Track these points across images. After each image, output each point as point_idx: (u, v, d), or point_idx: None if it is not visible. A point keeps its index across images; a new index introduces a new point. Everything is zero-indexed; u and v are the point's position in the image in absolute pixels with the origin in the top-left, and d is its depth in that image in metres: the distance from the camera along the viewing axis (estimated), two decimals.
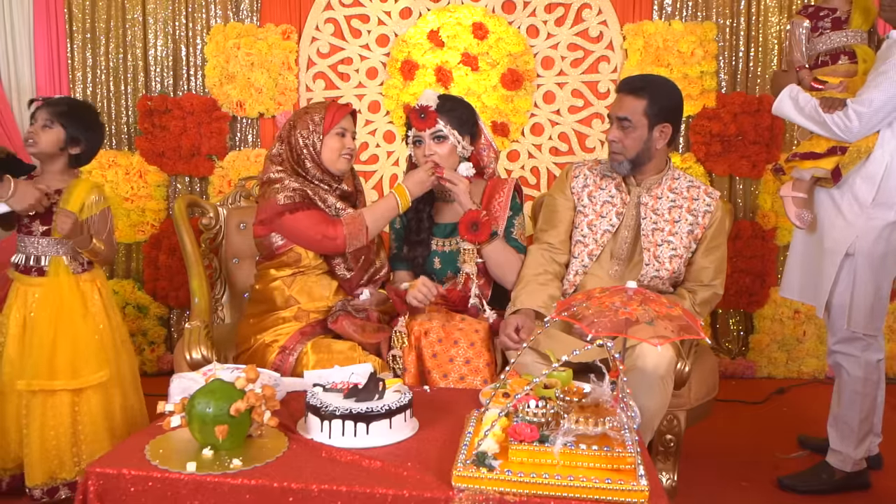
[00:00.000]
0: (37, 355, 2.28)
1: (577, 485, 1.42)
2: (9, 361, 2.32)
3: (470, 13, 3.79)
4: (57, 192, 2.35)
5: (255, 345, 2.38)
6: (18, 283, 2.37)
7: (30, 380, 2.27)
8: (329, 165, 2.41)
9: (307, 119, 2.41)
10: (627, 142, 2.34)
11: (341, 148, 2.41)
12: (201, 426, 1.60)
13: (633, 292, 1.62)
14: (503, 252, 2.48)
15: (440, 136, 2.49)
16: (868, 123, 2.35)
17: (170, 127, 3.83)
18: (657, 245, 2.37)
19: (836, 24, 2.56)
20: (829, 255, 2.49)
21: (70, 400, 2.31)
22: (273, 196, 2.36)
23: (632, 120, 2.32)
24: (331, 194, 2.42)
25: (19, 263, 2.37)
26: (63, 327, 2.31)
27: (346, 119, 2.44)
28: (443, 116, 2.48)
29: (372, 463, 1.57)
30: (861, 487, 2.56)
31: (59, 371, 2.29)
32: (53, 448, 2.30)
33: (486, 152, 2.66)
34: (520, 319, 2.28)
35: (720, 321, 3.97)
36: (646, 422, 2.10)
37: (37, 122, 2.35)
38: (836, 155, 2.45)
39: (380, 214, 2.44)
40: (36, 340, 2.29)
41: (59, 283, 2.34)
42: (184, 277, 3.41)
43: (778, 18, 3.78)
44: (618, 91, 2.40)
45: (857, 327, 2.48)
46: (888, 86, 2.31)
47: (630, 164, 2.37)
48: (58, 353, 2.29)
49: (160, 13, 3.88)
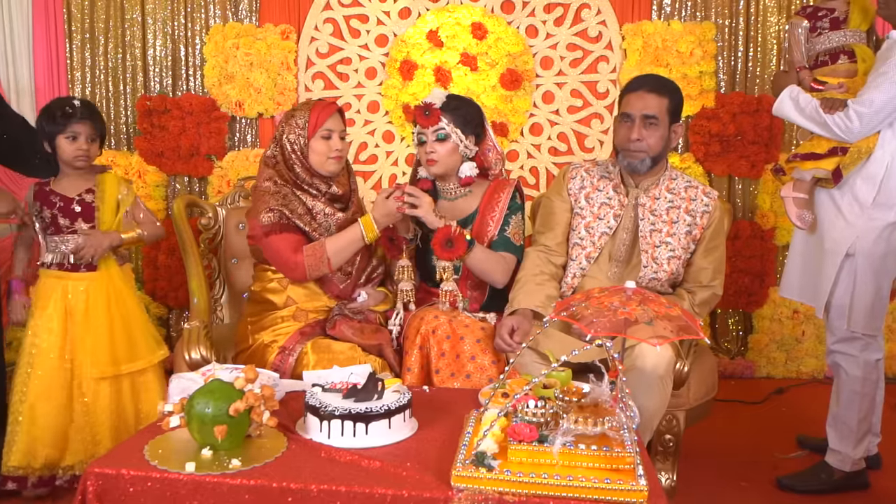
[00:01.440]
0: (98, 343, 2.39)
1: (576, 485, 1.42)
2: (46, 357, 2.37)
3: (469, 13, 3.79)
4: (89, 192, 2.44)
5: (254, 344, 2.38)
6: (56, 281, 2.41)
7: (99, 367, 2.38)
8: (318, 168, 2.40)
9: (293, 122, 2.40)
10: (652, 140, 2.31)
11: (328, 150, 2.38)
12: (200, 426, 1.60)
13: (632, 292, 1.62)
14: (485, 259, 2.44)
15: (442, 134, 2.48)
16: (869, 124, 2.35)
17: (169, 127, 3.83)
18: (655, 246, 2.37)
19: (835, 24, 2.56)
20: (830, 256, 2.49)
21: (132, 382, 2.44)
22: (257, 215, 2.36)
23: (658, 117, 2.30)
24: (319, 200, 2.40)
25: (63, 262, 2.41)
26: (119, 315, 2.44)
27: (332, 119, 2.39)
28: (447, 115, 2.47)
29: (371, 463, 1.57)
30: (860, 487, 2.57)
31: (121, 357, 2.42)
32: (125, 431, 2.39)
33: (492, 153, 2.64)
34: (515, 321, 2.28)
35: (719, 321, 3.97)
36: (645, 422, 2.10)
37: (81, 138, 2.40)
38: (837, 156, 2.45)
39: (343, 245, 2.37)
40: (94, 330, 2.39)
41: (111, 274, 2.46)
42: (183, 277, 3.42)
43: (777, 18, 3.79)
44: (632, 90, 2.35)
45: (856, 327, 2.48)
46: (889, 86, 2.31)
47: (651, 161, 2.35)
48: (117, 340, 2.42)
49: (159, 13, 3.88)
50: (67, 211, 2.41)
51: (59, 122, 2.38)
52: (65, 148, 2.40)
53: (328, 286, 2.42)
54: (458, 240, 2.38)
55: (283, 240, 2.34)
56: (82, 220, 2.42)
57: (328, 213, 2.40)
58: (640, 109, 2.31)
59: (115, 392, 2.42)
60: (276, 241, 2.34)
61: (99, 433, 2.40)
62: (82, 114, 2.40)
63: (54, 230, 2.42)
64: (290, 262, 2.34)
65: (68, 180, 2.45)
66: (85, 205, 2.43)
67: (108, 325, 2.41)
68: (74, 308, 2.40)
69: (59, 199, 2.41)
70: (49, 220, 2.42)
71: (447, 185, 2.59)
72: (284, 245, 2.34)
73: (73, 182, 2.45)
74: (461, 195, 2.59)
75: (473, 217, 2.56)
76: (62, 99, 2.50)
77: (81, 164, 2.42)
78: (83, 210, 2.42)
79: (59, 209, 2.41)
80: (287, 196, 2.38)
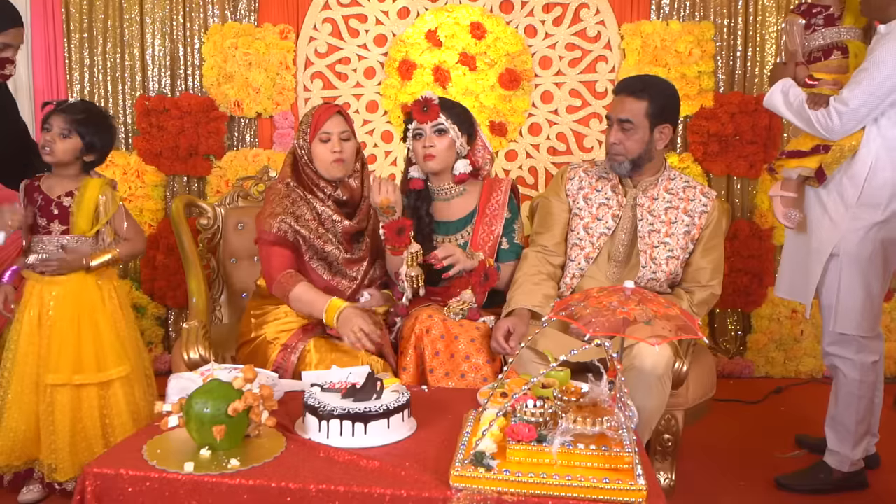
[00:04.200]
0: (62, 351, 2.31)
1: (574, 484, 1.42)
2: (22, 360, 2.33)
3: (468, 13, 3.79)
4: (68, 195, 2.38)
5: (256, 339, 2.38)
6: (34, 283, 2.37)
7: (57, 374, 2.30)
8: (323, 172, 2.40)
9: (302, 126, 2.44)
10: (629, 144, 2.33)
11: (328, 154, 2.37)
12: (199, 426, 1.60)
13: (631, 292, 1.63)
14: (507, 274, 2.55)
15: (441, 129, 2.52)
16: (849, 121, 2.33)
17: (167, 127, 3.83)
18: (654, 247, 2.37)
19: (829, 20, 2.56)
20: (815, 255, 2.48)
21: (97, 393, 2.34)
22: (264, 216, 2.36)
23: (633, 122, 2.31)
24: (327, 204, 2.40)
25: (37, 264, 2.37)
26: (85, 323, 2.34)
27: (331, 121, 2.37)
28: (444, 111, 2.53)
29: (370, 463, 1.57)
30: (859, 487, 2.57)
31: (85, 365, 2.32)
32: (83, 441, 2.33)
33: (482, 153, 2.68)
34: (511, 323, 2.28)
35: (718, 321, 3.97)
36: (644, 421, 2.10)
37: (53, 130, 2.34)
38: (820, 153, 2.43)
39: (306, 302, 2.27)
40: (59, 337, 2.32)
41: (80, 280, 2.36)
42: (181, 277, 3.42)
43: (776, 18, 3.78)
44: (616, 92, 2.38)
45: (845, 328, 2.46)
46: (868, 83, 2.28)
47: (631, 164, 2.36)
48: (83, 348, 2.32)
49: (158, 13, 3.87)
50: (46, 211, 2.36)
51: (45, 116, 2.36)
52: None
53: (333, 290, 2.41)
54: (491, 271, 2.46)
55: (276, 254, 2.34)
56: (58, 221, 2.36)
57: (336, 219, 2.40)
58: (616, 113, 2.35)
59: (75, 401, 2.32)
60: (270, 251, 2.34)
61: (56, 441, 2.31)
62: (62, 107, 2.37)
63: (38, 230, 2.37)
64: (268, 274, 2.35)
65: (56, 180, 2.40)
66: (62, 208, 2.36)
67: (75, 333, 2.32)
68: (45, 312, 2.34)
69: (41, 197, 2.37)
70: (31, 219, 2.37)
71: (441, 184, 2.59)
72: (276, 259, 2.34)
73: (60, 182, 2.39)
74: (456, 195, 2.60)
75: (472, 216, 2.56)
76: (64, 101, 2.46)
77: (46, 156, 2.34)
78: (60, 213, 2.36)
79: (40, 208, 2.36)
80: (296, 201, 2.38)
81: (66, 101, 2.43)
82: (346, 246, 2.44)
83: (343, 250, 2.42)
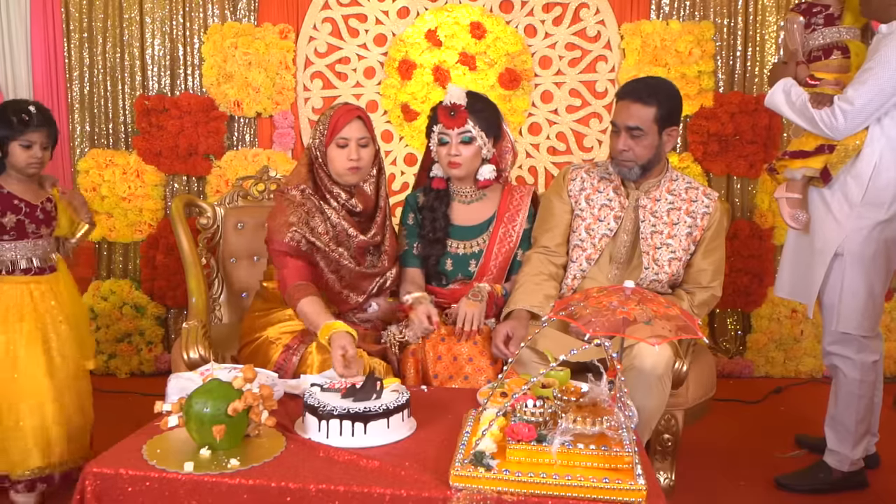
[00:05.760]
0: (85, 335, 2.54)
1: (574, 484, 1.42)
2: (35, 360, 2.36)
3: (467, 13, 3.79)
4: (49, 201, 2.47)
5: (258, 340, 2.37)
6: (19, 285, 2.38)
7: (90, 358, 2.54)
8: (337, 178, 2.34)
9: (318, 126, 2.35)
10: (639, 150, 2.30)
11: (345, 160, 2.29)
12: (199, 426, 1.59)
13: (631, 292, 1.62)
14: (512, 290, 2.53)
15: (468, 137, 2.44)
16: (854, 121, 2.33)
17: (167, 126, 3.83)
18: (656, 248, 2.36)
19: (829, 20, 2.56)
20: (819, 255, 2.48)
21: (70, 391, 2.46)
22: (278, 224, 2.28)
23: (643, 128, 2.28)
24: (339, 214, 2.33)
25: (29, 267, 2.40)
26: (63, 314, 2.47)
27: (350, 126, 2.29)
28: (472, 117, 2.43)
29: (370, 463, 1.57)
30: (858, 486, 2.57)
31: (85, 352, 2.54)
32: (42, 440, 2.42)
33: (507, 155, 2.61)
34: (510, 327, 2.28)
35: (718, 320, 3.98)
36: (643, 421, 2.10)
37: (36, 146, 2.37)
38: (825, 153, 2.43)
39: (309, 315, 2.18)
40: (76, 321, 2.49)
41: (66, 272, 2.54)
42: (181, 277, 3.42)
43: (775, 18, 3.79)
44: (621, 98, 2.34)
45: (847, 328, 2.46)
46: (873, 83, 2.29)
47: (641, 169, 2.34)
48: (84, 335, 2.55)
49: (157, 12, 3.87)
50: (33, 217, 2.40)
51: (15, 129, 2.34)
52: (18, 155, 2.36)
53: (341, 304, 2.38)
54: (499, 301, 2.45)
55: (289, 264, 2.27)
56: (44, 225, 2.44)
57: (351, 234, 2.33)
58: (624, 120, 2.30)
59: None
60: (283, 260, 2.28)
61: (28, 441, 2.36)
62: (39, 121, 2.37)
63: (17, 235, 2.38)
64: (282, 280, 2.29)
65: (26, 186, 2.42)
66: (46, 212, 2.43)
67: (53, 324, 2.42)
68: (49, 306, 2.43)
69: (24, 204, 2.39)
70: (12, 225, 2.37)
71: (463, 187, 2.56)
72: (287, 269, 2.27)
73: (30, 188, 2.43)
74: (476, 199, 2.57)
75: (491, 222, 2.54)
76: (18, 102, 2.44)
77: (33, 171, 2.40)
78: (45, 217, 2.43)
79: (26, 214, 2.39)
80: (311, 211, 2.30)
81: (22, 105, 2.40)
82: (360, 259, 2.39)
83: (356, 263, 2.36)
